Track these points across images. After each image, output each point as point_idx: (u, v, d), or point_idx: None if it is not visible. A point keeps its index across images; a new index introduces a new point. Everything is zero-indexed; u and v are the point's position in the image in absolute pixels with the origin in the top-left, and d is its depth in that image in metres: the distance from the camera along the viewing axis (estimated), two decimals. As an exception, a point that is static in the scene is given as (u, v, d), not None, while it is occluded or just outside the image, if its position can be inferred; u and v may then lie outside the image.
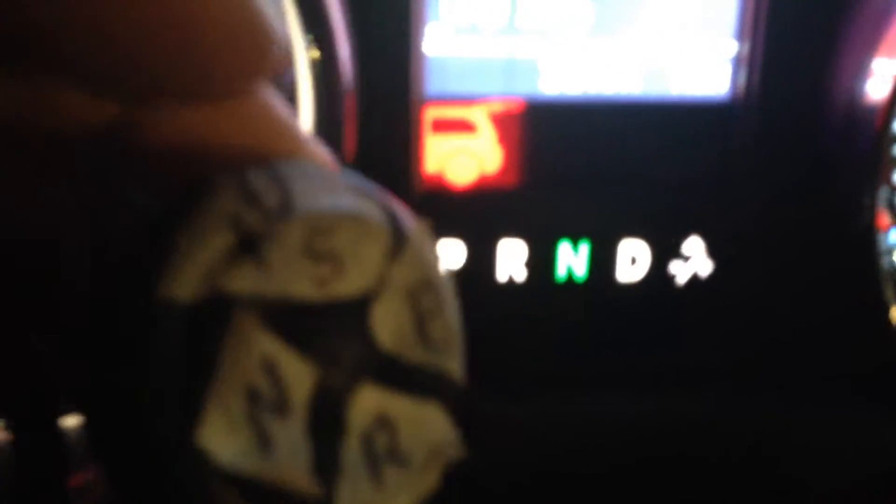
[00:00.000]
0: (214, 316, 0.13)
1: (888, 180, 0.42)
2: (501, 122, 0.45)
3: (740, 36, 0.44)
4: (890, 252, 0.42)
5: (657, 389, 0.46)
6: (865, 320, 0.42)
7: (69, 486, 0.22)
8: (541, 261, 0.45)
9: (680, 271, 0.46)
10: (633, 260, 0.46)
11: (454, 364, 0.15)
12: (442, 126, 0.44)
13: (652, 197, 0.46)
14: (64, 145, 0.15)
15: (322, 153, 0.16)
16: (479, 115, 0.44)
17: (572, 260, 0.45)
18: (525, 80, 0.44)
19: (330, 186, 0.14)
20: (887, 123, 0.40)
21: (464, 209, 0.45)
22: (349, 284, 0.14)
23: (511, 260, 0.45)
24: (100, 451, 0.14)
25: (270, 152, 0.15)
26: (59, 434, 0.20)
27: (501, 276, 0.45)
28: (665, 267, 0.46)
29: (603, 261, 0.46)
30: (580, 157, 0.46)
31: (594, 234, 0.45)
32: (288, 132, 0.16)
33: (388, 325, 0.14)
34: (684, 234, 0.46)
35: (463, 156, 0.45)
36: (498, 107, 0.44)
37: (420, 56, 0.43)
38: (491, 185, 0.45)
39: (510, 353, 0.46)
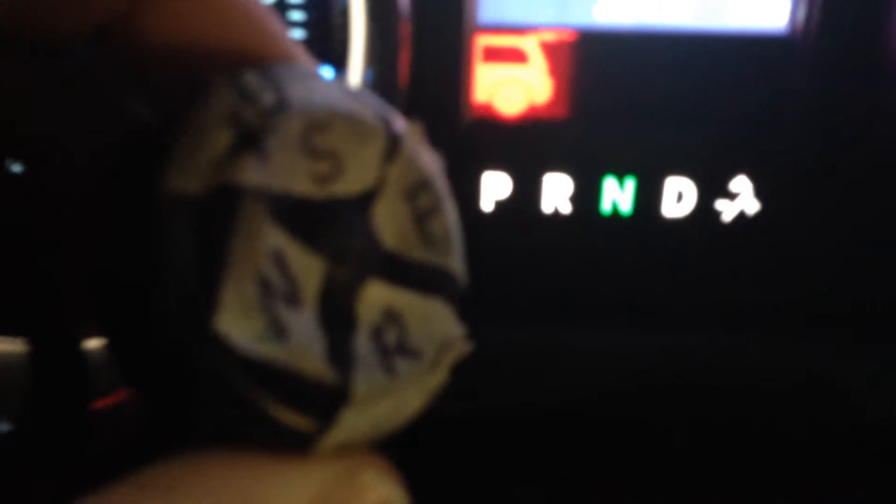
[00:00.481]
0: (223, 207, 0.13)
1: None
2: (553, 52, 0.44)
3: (803, -33, 0.43)
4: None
5: (700, 324, 0.46)
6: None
7: (91, 410, 0.21)
8: (587, 193, 0.45)
9: (726, 209, 0.46)
10: (679, 196, 0.45)
11: (455, 262, 0.15)
12: (493, 55, 0.44)
13: (702, 133, 0.45)
14: (60, 47, 0.15)
15: (303, 52, 0.17)
16: (531, 45, 0.44)
17: (618, 194, 0.45)
18: (578, 9, 0.44)
19: (324, 88, 0.15)
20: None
21: (512, 139, 0.45)
22: (349, 183, 0.14)
23: (557, 191, 0.45)
24: (121, 356, 0.14)
25: (258, 48, 0.15)
26: (81, 354, 0.20)
27: (547, 207, 0.45)
28: (711, 204, 0.46)
29: (649, 195, 0.45)
30: (631, 89, 0.45)
31: (642, 168, 0.45)
32: (277, 32, 0.16)
33: (389, 223, 0.15)
34: (732, 173, 0.45)
35: (513, 85, 0.44)
36: (550, 36, 0.44)
37: (473, -18, 0.42)
38: (540, 116, 0.45)
39: (554, 283, 0.47)
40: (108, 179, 0.14)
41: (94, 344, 0.21)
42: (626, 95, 0.45)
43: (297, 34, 0.40)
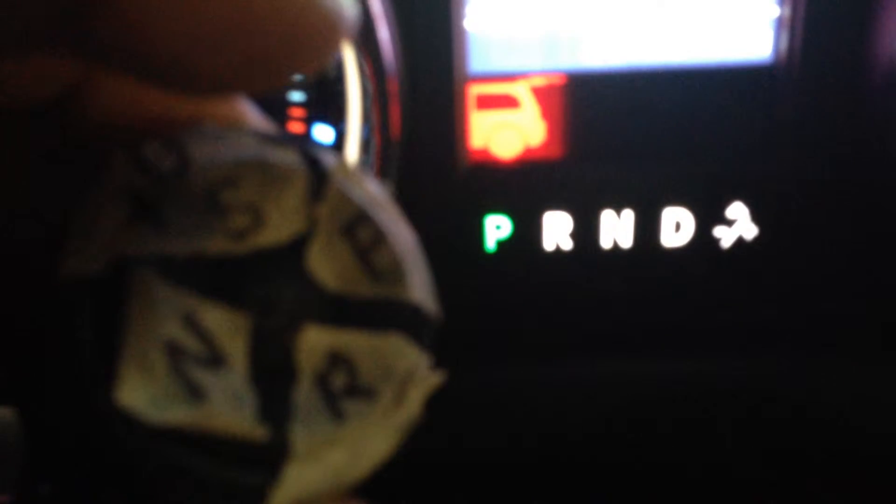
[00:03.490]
0: (119, 281, 0.13)
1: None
2: (544, 95, 0.46)
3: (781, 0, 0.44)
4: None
5: (704, 352, 0.47)
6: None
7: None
8: (586, 229, 0.46)
9: (724, 236, 0.47)
10: (677, 226, 0.47)
11: (410, 290, 0.15)
12: (486, 102, 0.46)
13: (695, 163, 0.46)
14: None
15: (253, 113, 0.16)
16: (522, 91, 0.46)
17: (617, 228, 0.47)
18: (565, 53, 0.45)
19: (231, 142, 0.14)
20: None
21: (510, 181, 0.46)
22: (274, 231, 0.14)
23: (557, 229, 0.47)
24: (38, 443, 0.14)
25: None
26: None
27: (548, 245, 0.47)
28: (709, 232, 0.47)
29: (648, 228, 0.47)
30: (623, 126, 0.46)
31: (638, 202, 0.46)
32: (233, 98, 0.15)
33: (328, 264, 0.14)
34: (728, 200, 0.46)
35: (507, 130, 0.46)
36: (540, 81, 0.46)
37: (462, 34, 0.44)
38: (536, 158, 0.47)
39: (559, 319, 0.48)
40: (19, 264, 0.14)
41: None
42: (618, 132, 0.46)
43: (297, 96, 0.42)
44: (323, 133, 0.42)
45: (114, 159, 0.14)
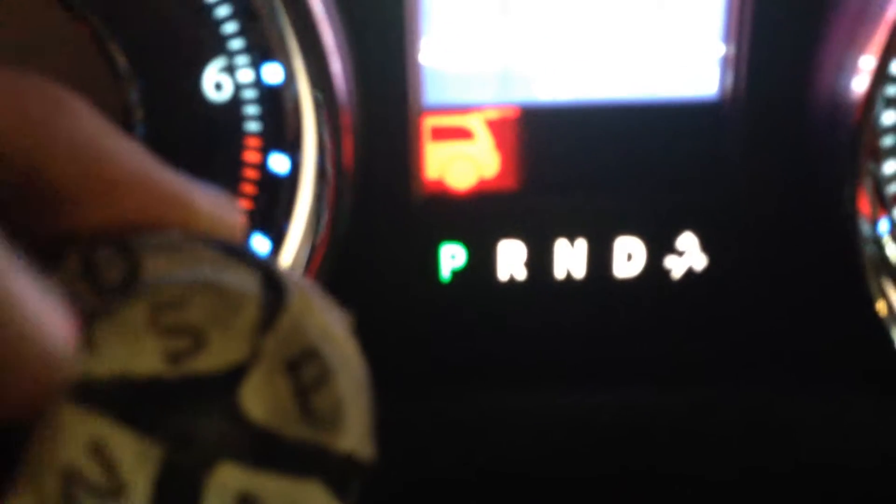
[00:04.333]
0: None
1: (871, 170, 0.43)
2: (497, 128, 0.47)
3: (727, 38, 0.46)
4: (875, 241, 0.44)
5: (657, 381, 0.48)
6: (852, 309, 0.43)
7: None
8: (539, 260, 0.47)
9: (675, 266, 0.48)
10: (629, 257, 0.47)
11: (343, 437, 0.14)
12: (440, 134, 0.46)
13: (646, 195, 0.47)
14: None
15: (215, 212, 0.15)
16: (476, 123, 0.47)
17: (570, 258, 0.47)
18: (519, 87, 0.46)
19: (189, 257, 0.14)
20: (866, 114, 0.41)
21: (464, 212, 0.47)
22: (213, 357, 0.13)
23: (511, 260, 0.47)
24: None
25: (148, 213, 0.14)
26: None
27: (502, 275, 0.47)
28: (660, 262, 0.48)
29: (600, 258, 0.47)
30: (575, 159, 0.47)
31: (591, 232, 0.47)
32: (173, 190, 0.14)
33: (262, 398, 0.13)
34: (678, 230, 0.47)
35: (462, 161, 0.47)
36: (493, 114, 0.46)
37: (417, 68, 0.45)
38: (490, 189, 0.47)
39: (512, 349, 0.48)
40: None
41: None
42: (570, 165, 0.47)
43: (253, 126, 0.42)
44: (278, 162, 0.42)
45: (64, 260, 0.13)
